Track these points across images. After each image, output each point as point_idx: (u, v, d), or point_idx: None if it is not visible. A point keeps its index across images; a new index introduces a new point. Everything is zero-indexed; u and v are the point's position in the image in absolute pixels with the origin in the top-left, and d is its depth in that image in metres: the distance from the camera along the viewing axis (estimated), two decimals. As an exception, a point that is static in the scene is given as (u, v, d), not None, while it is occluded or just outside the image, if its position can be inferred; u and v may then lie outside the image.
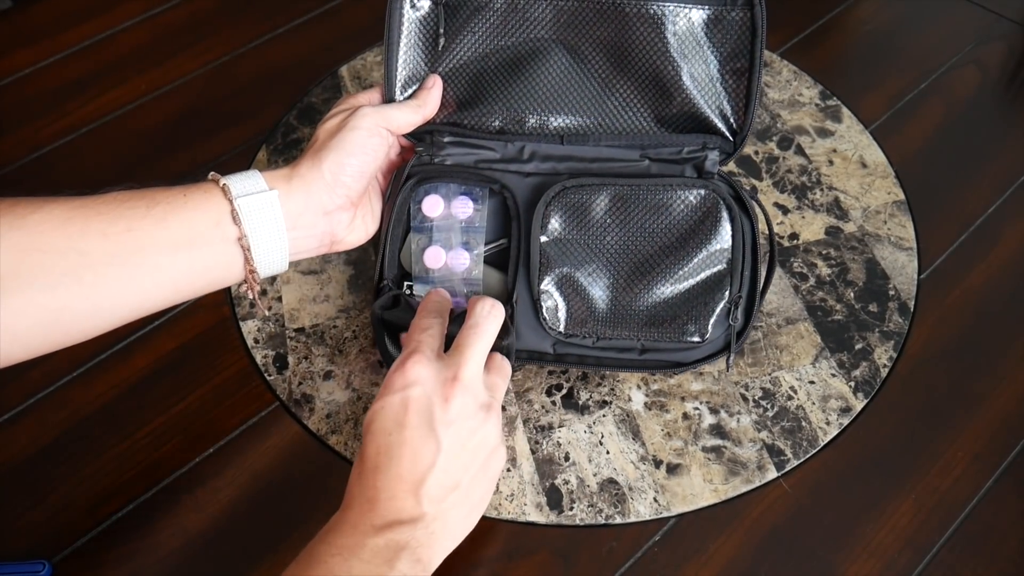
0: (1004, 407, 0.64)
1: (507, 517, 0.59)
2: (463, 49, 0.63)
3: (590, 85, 0.63)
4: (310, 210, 0.57)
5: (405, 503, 0.48)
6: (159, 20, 0.93)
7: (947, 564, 0.57)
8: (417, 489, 0.48)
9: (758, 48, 0.60)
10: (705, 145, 0.62)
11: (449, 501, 0.49)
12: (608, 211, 0.61)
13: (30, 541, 0.59)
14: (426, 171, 0.63)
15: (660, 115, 0.63)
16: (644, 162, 0.63)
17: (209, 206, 0.53)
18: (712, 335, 0.60)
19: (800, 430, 0.63)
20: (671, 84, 0.61)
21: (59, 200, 0.49)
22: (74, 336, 0.51)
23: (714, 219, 0.60)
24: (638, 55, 0.61)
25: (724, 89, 0.62)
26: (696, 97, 0.61)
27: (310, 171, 0.57)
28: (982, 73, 0.86)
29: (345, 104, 0.61)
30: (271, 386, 0.65)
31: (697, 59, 0.61)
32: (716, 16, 0.61)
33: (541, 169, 0.63)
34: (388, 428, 0.50)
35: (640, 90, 0.62)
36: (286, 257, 0.57)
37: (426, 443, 0.49)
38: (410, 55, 0.63)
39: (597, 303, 0.60)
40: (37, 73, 0.88)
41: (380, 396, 0.51)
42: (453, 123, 0.64)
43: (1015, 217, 0.75)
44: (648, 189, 0.61)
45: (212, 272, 0.55)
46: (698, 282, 0.60)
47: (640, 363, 0.61)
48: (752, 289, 0.60)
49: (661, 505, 0.59)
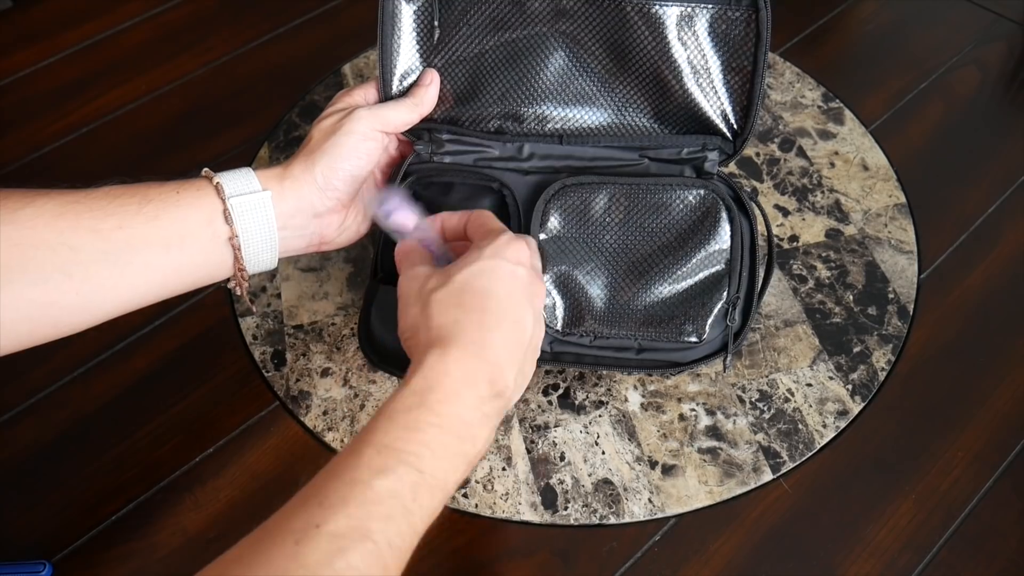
0: (1004, 407, 0.64)
1: (501, 516, 0.59)
2: (459, 42, 0.63)
3: (589, 84, 0.63)
4: (301, 212, 0.57)
5: (504, 374, 0.47)
6: (159, 20, 0.93)
7: (947, 564, 0.57)
8: (510, 367, 0.47)
9: (762, 50, 0.59)
10: (705, 146, 0.62)
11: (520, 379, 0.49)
12: (607, 210, 0.61)
13: (30, 541, 0.59)
14: (424, 169, 0.63)
15: (660, 114, 0.63)
16: (643, 162, 0.63)
17: (201, 204, 0.53)
18: (709, 336, 0.60)
19: (796, 433, 0.63)
20: (671, 84, 0.61)
21: (51, 194, 0.50)
22: (63, 329, 0.51)
23: (713, 220, 0.60)
24: (638, 54, 0.61)
25: (726, 90, 0.61)
26: (697, 97, 0.61)
27: (303, 173, 0.57)
28: (982, 73, 0.86)
29: (341, 103, 0.61)
30: (268, 383, 0.65)
31: (698, 59, 0.61)
32: (719, 16, 0.60)
33: (540, 167, 0.63)
34: (495, 287, 0.48)
35: (640, 89, 0.62)
36: (275, 256, 0.57)
37: (523, 323, 0.49)
38: (405, 48, 0.63)
39: (595, 301, 0.60)
40: (37, 73, 0.88)
41: (477, 259, 0.49)
42: (450, 119, 0.64)
43: (1015, 217, 0.75)
44: (647, 188, 0.61)
45: (202, 269, 0.55)
46: (696, 282, 0.60)
47: (637, 362, 0.61)
48: (750, 290, 0.60)
49: (656, 506, 0.59)
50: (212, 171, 0.55)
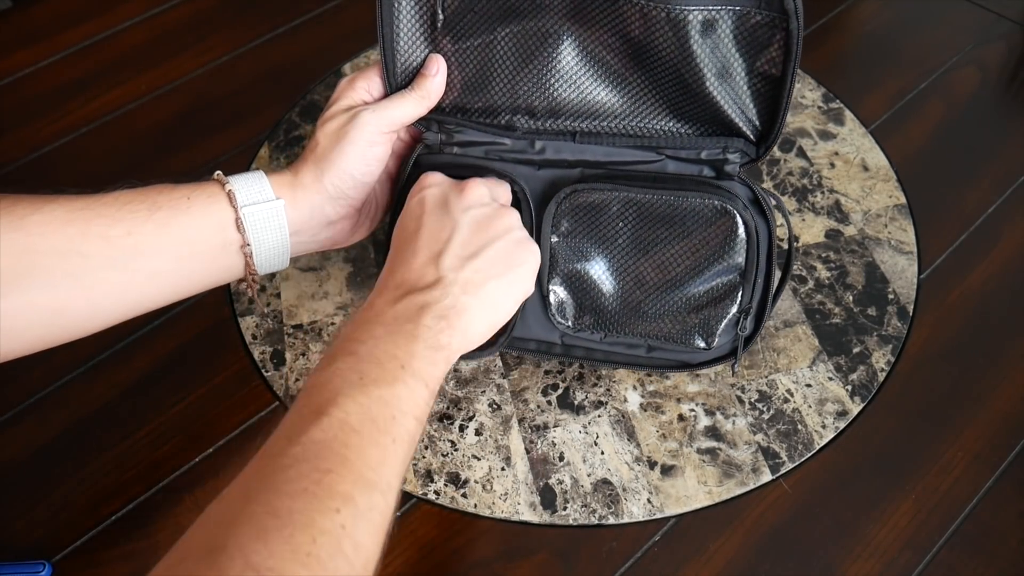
0: (1004, 407, 0.64)
1: (500, 516, 0.59)
2: (466, 28, 0.59)
3: (605, 83, 0.60)
4: (315, 220, 0.57)
5: (424, 271, 0.50)
6: (159, 20, 0.93)
7: (947, 564, 0.57)
8: (436, 259, 0.50)
9: (792, 56, 0.56)
10: (726, 148, 0.59)
11: (469, 268, 0.50)
12: (619, 215, 0.59)
13: (30, 541, 0.59)
14: (434, 161, 0.61)
15: (679, 117, 0.60)
16: (662, 159, 0.60)
17: (212, 211, 0.53)
18: (719, 342, 0.59)
19: (796, 433, 0.63)
20: (692, 87, 0.58)
21: (60, 200, 0.49)
22: (73, 333, 0.51)
23: (728, 231, 0.57)
24: (658, 56, 0.57)
25: (751, 95, 0.58)
26: (719, 102, 0.58)
27: (313, 183, 0.56)
28: (982, 73, 0.86)
29: (345, 98, 0.59)
30: (268, 382, 0.65)
31: (722, 64, 0.57)
32: (744, 20, 0.56)
33: (554, 160, 0.61)
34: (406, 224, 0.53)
35: (659, 92, 0.59)
36: (287, 260, 0.57)
37: (442, 223, 0.52)
38: (406, 34, 0.59)
39: (605, 303, 0.60)
40: (37, 73, 0.88)
41: None
42: (459, 108, 0.61)
43: (1015, 217, 0.75)
44: (662, 196, 0.58)
45: (213, 276, 0.55)
46: (708, 292, 0.59)
47: (647, 360, 0.61)
48: (764, 296, 0.59)
49: (655, 506, 0.59)
50: (224, 174, 0.55)
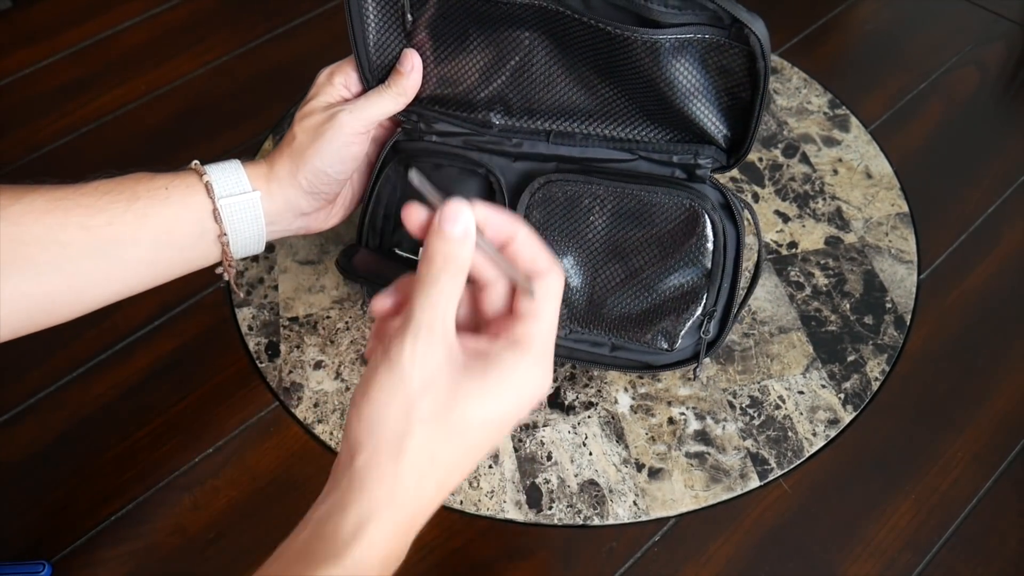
0: (1004, 407, 0.64)
1: (486, 514, 0.59)
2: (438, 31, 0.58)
3: (578, 90, 0.59)
4: (289, 210, 0.58)
5: None
6: (159, 20, 0.93)
7: (947, 564, 0.57)
8: None
9: (760, 78, 0.54)
10: (697, 155, 0.59)
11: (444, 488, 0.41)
12: (591, 210, 0.59)
13: (30, 541, 0.59)
14: (412, 148, 0.61)
15: (651, 122, 0.59)
16: (635, 158, 0.60)
17: (190, 202, 0.54)
18: (682, 344, 0.59)
19: (786, 440, 0.62)
20: (664, 97, 0.57)
21: (40, 190, 0.50)
22: (58, 318, 0.52)
23: (696, 232, 0.58)
24: (629, 70, 0.56)
25: (721, 109, 0.57)
26: (690, 113, 0.57)
27: (289, 177, 0.57)
28: (982, 73, 0.86)
29: (324, 94, 0.59)
30: (262, 374, 0.65)
31: (693, 83, 0.56)
32: (714, 46, 0.54)
33: (530, 153, 0.61)
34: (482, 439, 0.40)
35: (631, 99, 0.59)
36: (263, 247, 0.59)
37: None
38: (378, 32, 0.59)
39: (572, 299, 0.60)
40: (37, 73, 0.88)
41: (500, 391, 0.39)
42: (436, 99, 0.61)
43: (1015, 217, 0.75)
44: (633, 194, 0.58)
45: (191, 262, 0.56)
46: (673, 291, 0.59)
47: (611, 360, 0.61)
48: (729, 302, 0.59)
49: (640, 509, 0.59)
50: (201, 163, 0.56)
